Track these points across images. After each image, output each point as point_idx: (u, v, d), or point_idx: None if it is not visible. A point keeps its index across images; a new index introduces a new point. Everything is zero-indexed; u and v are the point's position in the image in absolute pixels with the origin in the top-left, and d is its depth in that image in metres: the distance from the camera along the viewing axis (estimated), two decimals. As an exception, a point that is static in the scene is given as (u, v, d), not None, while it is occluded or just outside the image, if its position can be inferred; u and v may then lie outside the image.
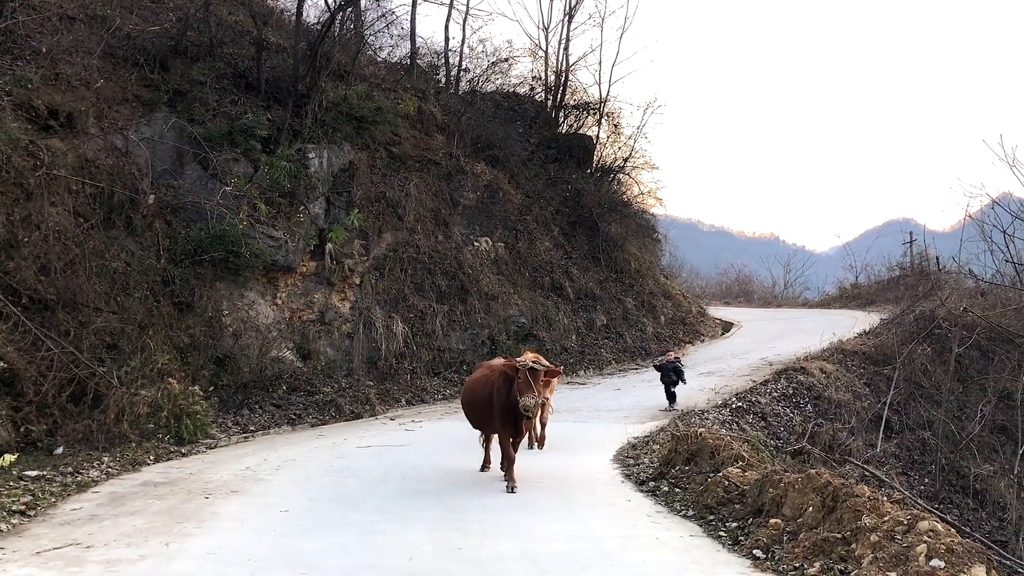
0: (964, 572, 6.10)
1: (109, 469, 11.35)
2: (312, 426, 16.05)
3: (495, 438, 11.32)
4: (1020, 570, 9.97)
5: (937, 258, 37.42)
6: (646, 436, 14.66)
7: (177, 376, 14.24)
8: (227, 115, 18.11)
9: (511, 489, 9.95)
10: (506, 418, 10.11)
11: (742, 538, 8.26)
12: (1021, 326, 23.74)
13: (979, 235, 25.48)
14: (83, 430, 12.33)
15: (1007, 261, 22.07)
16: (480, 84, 30.33)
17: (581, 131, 33.16)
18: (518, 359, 10.23)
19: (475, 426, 11.49)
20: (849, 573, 6.67)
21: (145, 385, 13.46)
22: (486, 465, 11.57)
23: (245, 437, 14.67)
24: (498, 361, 11.41)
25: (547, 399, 10.21)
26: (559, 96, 32.96)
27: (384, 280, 20.25)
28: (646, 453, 13.21)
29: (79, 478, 10.69)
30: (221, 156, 17.13)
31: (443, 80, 29.22)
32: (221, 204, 16.43)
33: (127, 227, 15.26)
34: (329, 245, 18.85)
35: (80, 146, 15.27)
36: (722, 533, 8.46)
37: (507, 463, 10.32)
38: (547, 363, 10.44)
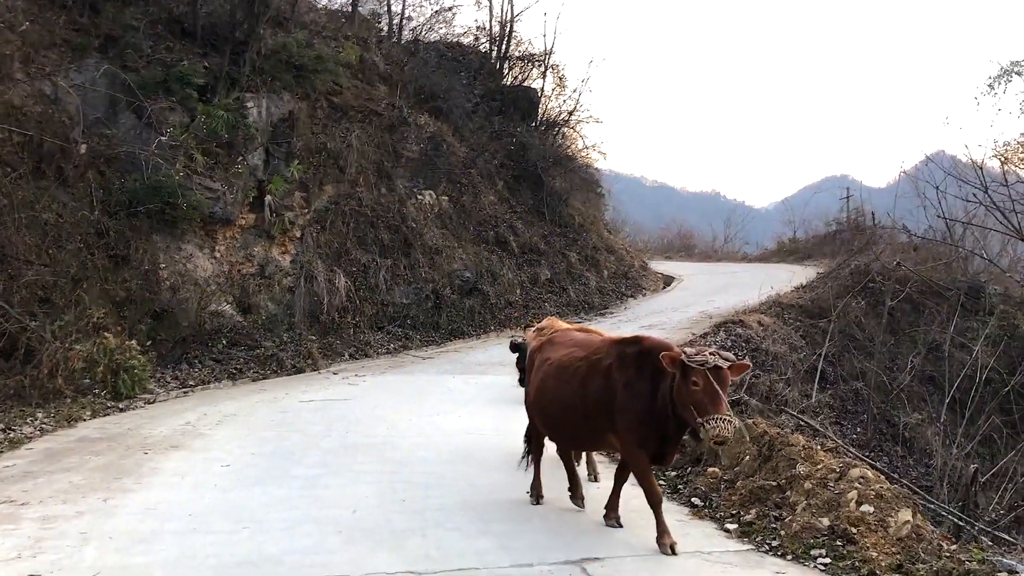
0: (892, 516, 6.37)
1: (43, 425, 11.10)
2: (253, 380, 15.86)
3: (548, 447, 7.76)
4: (943, 513, 10.39)
5: (873, 213, 38.05)
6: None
7: (113, 330, 13.90)
8: (162, 62, 17.46)
9: (673, 550, 6.18)
10: (649, 434, 6.29)
11: (681, 487, 8.48)
12: (951, 280, 24.49)
13: (913, 191, 26.17)
14: (15, 386, 12.02)
15: (939, 216, 22.70)
16: (423, 33, 29.80)
17: (526, 83, 32.85)
18: (613, 336, 6.04)
19: (563, 443, 7.51)
20: (784, 519, 6.90)
21: (80, 340, 13.12)
22: (539, 494, 7.62)
23: (184, 392, 14.45)
24: (587, 335, 7.44)
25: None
26: (504, 47, 32.56)
27: (326, 233, 19.98)
28: (589, 405, 13.37)
29: (11, 435, 10.43)
30: (156, 105, 16.55)
31: (385, 29, 28.67)
32: (157, 154, 15.95)
33: (58, 177, 14.75)
34: (269, 197, 18.49)
35: (5, 92, 14.67)
36: (661, 482, 8.66)
37: (654, 506, 6.37)
38: (721, 351, 6.12)
